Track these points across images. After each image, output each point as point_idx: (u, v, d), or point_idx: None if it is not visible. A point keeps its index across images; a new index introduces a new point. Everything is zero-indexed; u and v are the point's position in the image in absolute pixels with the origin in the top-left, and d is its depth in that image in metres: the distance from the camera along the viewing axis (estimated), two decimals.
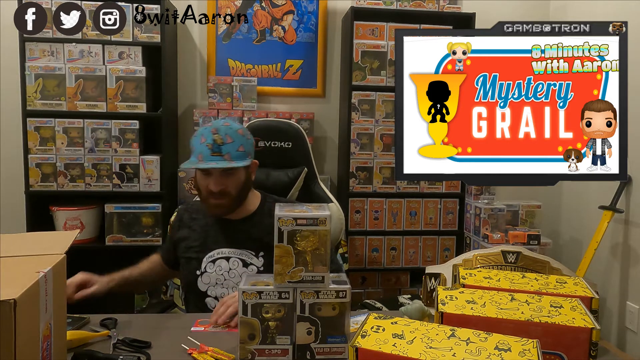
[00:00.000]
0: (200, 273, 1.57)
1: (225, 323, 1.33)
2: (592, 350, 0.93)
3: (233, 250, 1.57)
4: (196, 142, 1.52)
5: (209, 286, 1.56)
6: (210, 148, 1.48)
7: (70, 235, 1.04)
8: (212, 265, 1.57)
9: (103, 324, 1.32)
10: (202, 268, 1.57)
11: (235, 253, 1.57)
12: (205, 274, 1.57)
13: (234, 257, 1.56)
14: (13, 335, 0.73)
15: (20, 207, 2.59)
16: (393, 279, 2.93)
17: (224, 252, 1.57)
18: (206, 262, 1.57)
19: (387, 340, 0.85)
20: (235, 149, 1.50)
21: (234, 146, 1.50)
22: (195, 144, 1.52)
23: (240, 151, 1.52)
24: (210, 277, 1.56)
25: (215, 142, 1.48)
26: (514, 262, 1.42)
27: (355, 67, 2.77)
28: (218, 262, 1.56)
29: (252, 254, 1.56)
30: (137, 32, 2.57)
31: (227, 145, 1.49)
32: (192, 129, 2.82)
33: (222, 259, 1.56)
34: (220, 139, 1.48)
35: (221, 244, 1.58)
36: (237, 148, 1.51)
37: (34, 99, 2.53)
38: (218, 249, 1.58)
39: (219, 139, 1.48)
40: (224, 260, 1.56)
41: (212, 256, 1.57)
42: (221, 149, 1.48)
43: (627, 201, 2.51)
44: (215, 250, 1.58)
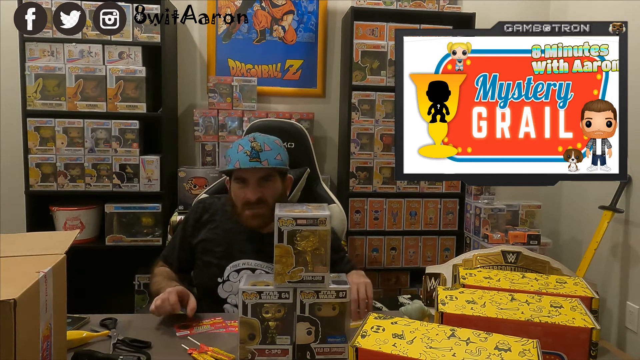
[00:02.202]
0: (222, 281, 1.55)
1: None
2: (592, 350, 0.93)
3: (259, 263, 1.55)
4: (233, 152, 1.52)
5: (230, 294, 1.54)
6: (248, 155, 1.49)
7: (70, 235, 1.04)
8: (236, 275, 1.54)
9: (103, 324, 1.32)
10: (225, 276, 1.55)
11: (262, 266, 1.55)
12: (227, 282, 1.55)
13: (260, 270, 1.55)
14: (13, 335, 0.73)
15: (20, 207, 2.58)
16: (393, 279, 2.93)
17: (249, 264, 1.55)
18: (230, 271, 1.55)
19: (387, 340, 0.85)
20: (273, 156, 1.52)
21: (272, 154, 1.53)
22: (232, 153, 1.53)
23: (278, 160, 1.54)
24: (233, 286, 1.54)
25: (253, 149, 1.50)
26: (514, 262, 1.42)
27: (355, 67, 2.77)
28: (242, 272, 1.54)
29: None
30: (137, 32, 2.57)
31: (265, 153, 1.51)
32: (192, 128, 2.82)
33: (247, 270, 1.55)
34: (258, 146, 1.50)
35: (248, 255, 1.56)
36: (275, 156, 1.53)
37: (34, 99, 2.53)
38: (244, 260, 1.55)
39: (257, 146, 1.50)
40: (250, 271, 1.55)
41: (236, 265, 1.55)
42: (259, 155, 1.50)
43: (627, 201, 2.51)
44: (240, 260, 1.55)
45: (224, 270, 1.55)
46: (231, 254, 1.57)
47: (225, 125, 2.80)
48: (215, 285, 1.55)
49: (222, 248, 1.58)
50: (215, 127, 2.80)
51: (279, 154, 1.55)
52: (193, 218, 1.65)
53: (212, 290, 1.55)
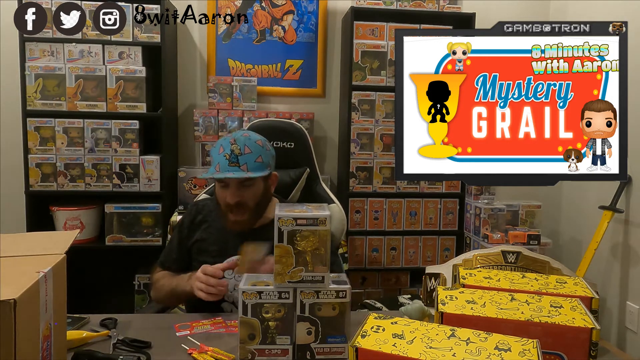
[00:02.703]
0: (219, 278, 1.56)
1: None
2: (592, 350, 0.93)
3: None
4: (215, 153, 1.52)
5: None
6: (227, 158, 1.48)
7: (70, 235, 1.04)
8: (231, 272, 1.55)
9: (103, 324, 1.32)
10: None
11: None
12: (222, 279, 1.55)
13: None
14: (13, 335, 0.73)
15: (20, 207, 2.59)
16: (393, 279, 2.93)
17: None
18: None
19: (387, 340, 0.85)
20: (253, 159, 1.50)
21: (252, 157, 1.50)
22: (214, 154, 1.52)
23: (258, 162, 1.52)
24: (229, 282, 1.55)
25: (233, 153, 1.48)
26: (514, 262, 1.42)
27: (355, 67, 2.77)
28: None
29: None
30: (137, 32, 2.57)
31: (245, 156, 1.49)
32: (192, 129, 2.82)
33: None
34: (238, 150, 1.49)
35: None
36: (255, 159, 1.51)
37: (34, 99, 2.53)
38: (237, 256, 1.56)
39: (237, 149, 1.49)
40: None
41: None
42: (239, 159, 1.48)
43: (627, 201, 2.51)
44: (234, 257, 1.56)
45: None
46: (225, 252, 1.57)
47: (225, 125, 2.80)
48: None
49: (217, 247, 1.59)
50: (215, 127, 2.80)
51: (259, 156, 1.52)
52: (188, 220, 1.66)
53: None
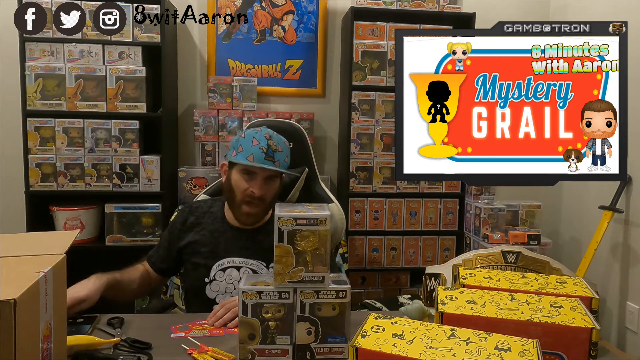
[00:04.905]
0: (209, 281, 1.56)
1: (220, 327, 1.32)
2: (592, 350, 0.93)
3: (244, 260, 1.57)
4: (246, 144, 1.53)
5: (217, 294, 1.56)
6: (264, 152, 1.52)
7: (70, 235, 1.04)
8: (222, 274, 1.56)
9: (110, 322, 1.33)
10: (211, 276, 1.56)
11: (247, 263, 1.57)
12: (214, 282, 1.56)
13: (245, 267, 1.56)
14: (13, 335, 0.73)
15: (20, 207, 2.58)
16: (393, 279, 2.93)
17: (234, 262, 1.57)
18: (216, 270, 1.56)
19: (387, 340, 0.85)
20: (283, 158, 1.57)
21: (283, 155, 1.57)
22: (245, 144, 1.54)
23: (286, 162, 1.59)
24: (220, 285, 1.56)
25: (270, 148, 1.53)
26: (514, 262, 1.42)
27: (355, 67, 2.77)
28: (228, 271, 1.56)
29: (263, 264, 1.57)
30: (137, 32, 2.57)
31: (279, 154, 1.55)
32: (192, 129, 2.82)
33: (232, 268, 1.56)
34: (274, 146, 1.54)
35: (232, 253, 1.58)
36: (284, 158, 1.58)
37: (34, 99, 2.53)
38: (229, 258, 1.57)
39: (274, 145, 1.54)
40: (235, 269, 1.56)
41: (222, 264, 1.57)
42: (274, 155, 1.54)
43: (627, 201, 2.51)
44: (226, 259, 1.57)
45: (210, 270, 1.57)
46: (217, 254, 1.58)
47: (225, 125, 2.80)
48: (203, 286, 1.56)
49: (208, 248, 1.59)
50: (215, 127, 2.80)
51: (287, 156, 1.59)
52: (179, 222, 1.67)
53: (200, 290, 1.57)
